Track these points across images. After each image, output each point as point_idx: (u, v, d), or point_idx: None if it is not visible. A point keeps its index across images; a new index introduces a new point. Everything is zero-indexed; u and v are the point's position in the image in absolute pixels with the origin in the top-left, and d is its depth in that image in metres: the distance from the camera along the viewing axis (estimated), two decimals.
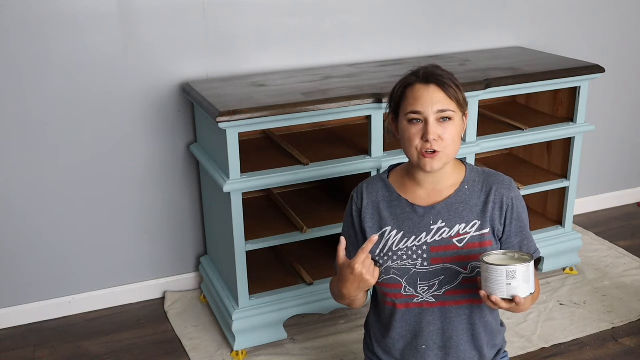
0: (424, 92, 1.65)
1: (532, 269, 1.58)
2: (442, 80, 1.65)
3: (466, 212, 1.72)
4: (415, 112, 1.65)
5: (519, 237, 1.75)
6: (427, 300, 1.73)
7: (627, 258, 3.10)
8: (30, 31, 2.41)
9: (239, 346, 2.44)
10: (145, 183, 2.73)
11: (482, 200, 1.73)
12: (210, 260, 2.81)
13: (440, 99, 1.65)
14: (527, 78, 2.62)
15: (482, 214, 1.72)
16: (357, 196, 1.81)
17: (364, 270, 1.63)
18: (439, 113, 1.64)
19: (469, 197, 1.73)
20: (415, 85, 1.67)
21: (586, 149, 3.27)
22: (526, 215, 1.77)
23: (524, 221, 1.76)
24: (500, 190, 1.73)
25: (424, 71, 1.68)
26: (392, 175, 1.81)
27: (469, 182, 1.75)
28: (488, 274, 1.56)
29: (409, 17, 2.95)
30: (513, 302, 1.57)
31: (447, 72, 1.70)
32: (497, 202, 1.72)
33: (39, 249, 2.65)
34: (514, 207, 1.73)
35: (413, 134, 1.66)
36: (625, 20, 3.36)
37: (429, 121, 1.64)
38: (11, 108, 2.47)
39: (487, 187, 1.74)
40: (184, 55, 2.63)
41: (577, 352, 2.46)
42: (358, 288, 1.67)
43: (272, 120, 2.28)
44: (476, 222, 1.72)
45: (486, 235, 1.72)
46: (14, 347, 2.55)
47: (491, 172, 1.78)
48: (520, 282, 1.55)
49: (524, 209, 1.76)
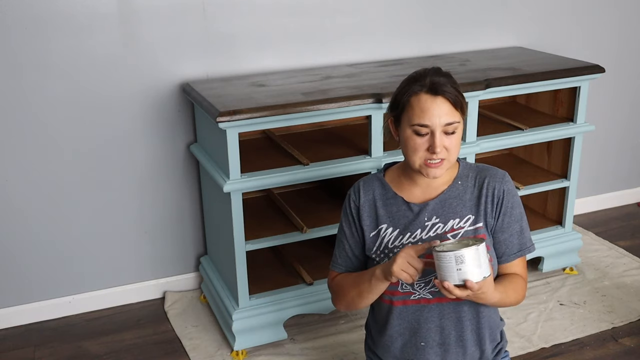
0: (431, 105, 1.64)
1: (482, 252, 1.55)
2: (447, 90, 1.64)
3: (460, 207, 1.73)
4: (423, 125, 1.64)
5: (511, 230, 1.75)
6: (425, 296, 1.74)
7: (627, 258, 3.10)
8: (30, 31, 2.41)
9: (239, 346, 2.44)
10: (145, 183, 2.73)
11: (476, 194, 1.74)
12: (210, 260, 2.81)
13: (447, 111, 1.64)
14: (527, 78, 2.62)
15: (476, 208, 1.73)
16: (354, 194, 1.81)
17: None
18: (446, 126, 1.64)
19: (463, 192, 1.74)
20: (421, 95, 1.65)
21: (586, 149, 3.27)
22: (520, 208, 1.77)
23: (517, 215, 1.76)
24: (492, 183, 1.74)
25: (431, 80, 1.66)
26: (388, 174, 1.82)
27: (462, 177, 1.76)
28: (439, 261, 1.56)
29: (409, 17, 2.95)
30: (467, 288, 1.55)
31: (448, 76, 1.69)
32: (489, 195, 1.73)
33: (39, 249, 2.65)
34: (505, 200, 1.73)
35: (418, 145, 1.66)
36: (625, 20, 3.36)
37: (436, 134, 1.64)
38: (11, 108, 2.47)
39: (479, 180, 1.75)
40: (184, 55, 2.63)
41: (577, 352, 2.46)
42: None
43: (272, 120, 2.28)
44: (470, 216, 1.73)
45: (480, 229, 1.73)
46: (14, 347, 2.55)
47: (485, 167, 1.79)
48: (470, 267, 1.54)
49: (517, 202, 1.76)
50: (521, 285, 1.76)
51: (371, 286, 1.71)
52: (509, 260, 1.76)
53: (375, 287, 1.71)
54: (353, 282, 1.77)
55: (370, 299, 1.76)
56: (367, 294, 1.73)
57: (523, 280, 1.78)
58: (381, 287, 1.71)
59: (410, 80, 1.70)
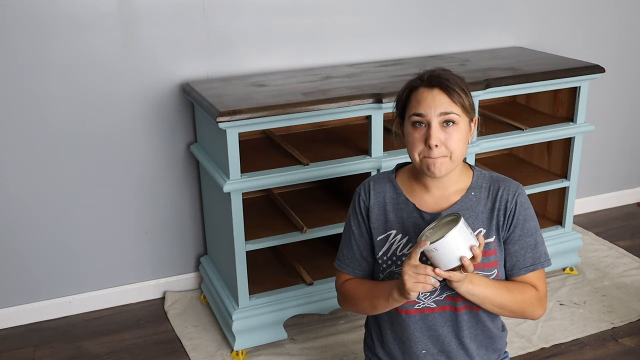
0: (427, 95, 1.62)
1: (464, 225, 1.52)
2: (446, 83, 1.62)
3: (472, 219, 1.68)
4: (418, 114, 1.62)
5: (523, 242, 1.69)
6: (428, 306, 1.71)
7: (627, 258, 3.10)
8: (30, 31, 2.41)
9: (239, 346, 2.44)
10: (145, 183, 2.73)
11: (489, 207, 1.69)
12: (210, 260, 2.81)
13: (443, 102, 1.61)
14: (527, 78, 2.62)
15: (488, 221, 1.69)
16: (364, 193, 1.76)
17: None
18: (441, 116, 1.61)
19: (476, 204, 1.70)
20: (420, 88, 1.65)
21: (586, 149, 3.27)
22: (534, 222, 1.71)
23: (532, 228, 1.70)
24: (505, 195, 1.69)
25: (429, 74, 1.65)
26: (400, 176, 1.77)
27: (475, 188, 1.71)
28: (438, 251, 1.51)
29: (409, 17, 2.95)
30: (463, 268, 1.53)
31: (456, 76, 1.66)
32: (501, 208, 1.68)
33: (39, 249, 2.65)
34: (517, 212, 1.68)
35: (416, 139, 1.63)
36: (625, 20, 3.36)
37: (432, 125, 1.61)
38: (11, 108, 2.47)
39: (493, 193, 1.70)
40: (184, 55, 2.63)
41: (577, 352, 2.46)
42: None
43: (272, 120, 2.28)
44: (481, 229, 1.69)
45: (491, 244, 1.68)
46: (14, 347, 2.55)
47: (499, 177, 1.74)
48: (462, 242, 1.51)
49: (530, 215, 1.70)
50: (530, 294, 1.69)
51: (388, 304, 1.68)
52: (521, 274, 1.70)
53: (392, 305, 1.68)
54: (367, 294, 1.73)
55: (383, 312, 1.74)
56: (382, 309, 1.71)
57: (536, 291, 1.70)
58: (398, 304, 1.68)
59: (412, 79, 1.69)
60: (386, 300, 1.66)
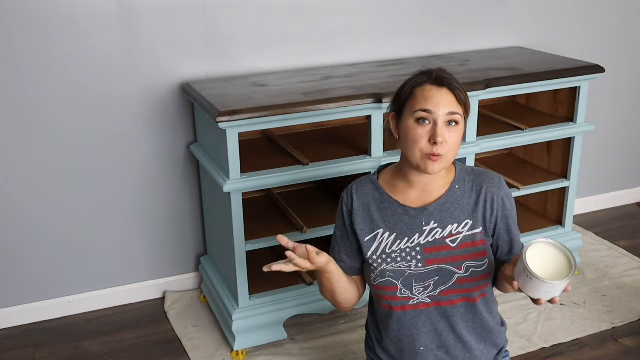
0: (435, 93, 1.65)
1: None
2: (454, 84, 1.67)
3: (458, 212, 1.73)
4: (426, 110, 1.64)
5: (509, 234, 1.76)
6: (423, 301, 1.74)
7: (627, 258, 3.10)
8: (30, 31, 2.41)
9: (239, 346, 2.44)
10: (145, 183, 2.73)
11: (473, 199, 1.74)
12: (210, 260, 2.81)
13: (451, 101, 1.65)
14: (527, 78, 2.62)
15: (474, 214, 1.73)
16: (347, 198, 1.82)
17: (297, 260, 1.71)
18: (448, 115, 1.64)
19: (460, 197, 1.74)
20: (426, 85, 1.67)
21: (586, 149, 3.27)
22: (515, 212, 1.79)
23: (514, 218, 1.78)
24: (490, 189, 1.74)
25: (437, 73, 1.68)
26: (382, 177, 1.81)
27: (459, 181, 1.76)
28: (532, 282, 1.50)
29: (409, 17, 2.95)
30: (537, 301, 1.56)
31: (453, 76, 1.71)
32: (488, 201, 1.73)
33: (38, 249, 2.65)
34: (505, 206, 1.74)
35: (420, 135, 1.65)
36: (626, 20, 3.36)
37: (438, 123, 1.64)
38: (11, 108, 2.47)
39: (477, 186, 1.74)
40: (184, 55, 2.63)
41: (577, 352, 2.46)
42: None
43: (272, 120, 2.28)
44: (468, 221, 1.73)
45: (478, 235, 1.72)
46: (14, 347, 2.55)
47: (481, 171, 1.79)
48: (560, 289, 1.53)
49: (513, 207, 1.78)
50: None
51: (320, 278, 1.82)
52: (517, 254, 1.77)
53: (319, 279, 1.82)
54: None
55: (333, 292, 1.83)
56: (324, 285, 1.83)
57: None
58: (322, 278, 1.80)
59: (415, 76, 1.71)
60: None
